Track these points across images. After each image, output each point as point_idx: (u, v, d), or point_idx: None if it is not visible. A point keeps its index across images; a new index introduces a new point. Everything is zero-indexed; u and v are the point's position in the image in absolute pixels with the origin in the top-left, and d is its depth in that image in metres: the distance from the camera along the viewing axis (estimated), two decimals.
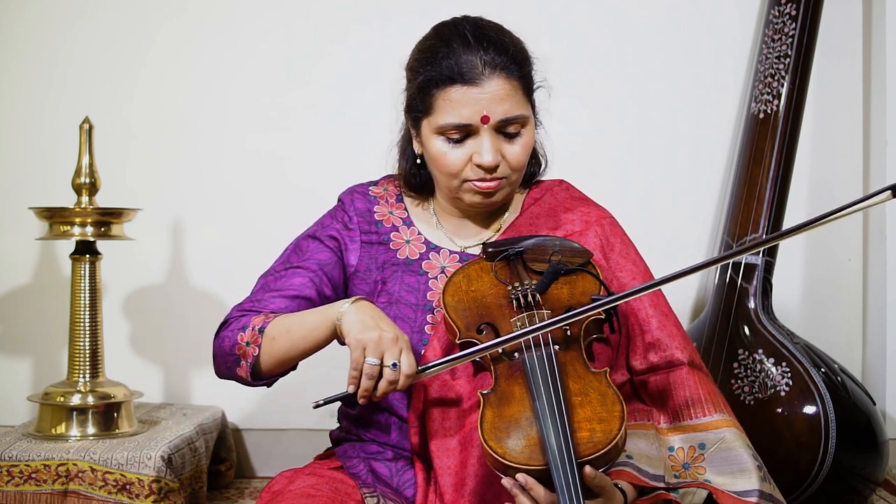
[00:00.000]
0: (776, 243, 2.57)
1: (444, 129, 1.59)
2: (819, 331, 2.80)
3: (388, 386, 1.46)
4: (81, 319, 2.39)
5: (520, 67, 1.61)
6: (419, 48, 1.66)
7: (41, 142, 2.85)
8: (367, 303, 1.54)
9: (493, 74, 1.57)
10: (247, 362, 1.61)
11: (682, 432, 1.57)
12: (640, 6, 2.82)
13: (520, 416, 1.39)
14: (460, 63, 1.57)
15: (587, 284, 1.55)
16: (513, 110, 1.59)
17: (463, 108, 1.57)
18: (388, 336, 1.46)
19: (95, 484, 2.20)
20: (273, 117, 2.84)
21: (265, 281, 1.72)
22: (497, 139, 1.60)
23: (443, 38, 1.62)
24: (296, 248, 1.75)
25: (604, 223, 1.72)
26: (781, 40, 2.67)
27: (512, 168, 1.62)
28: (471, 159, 1.60)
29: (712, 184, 2.84)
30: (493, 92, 1.57)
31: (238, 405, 2.81)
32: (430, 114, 1.61)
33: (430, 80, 1.60)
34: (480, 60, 1.57)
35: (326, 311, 1.55)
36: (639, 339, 1.64)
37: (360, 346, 1.46)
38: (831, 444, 2.33)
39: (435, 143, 1.61)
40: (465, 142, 1.60)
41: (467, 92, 1.57)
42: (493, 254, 1.60)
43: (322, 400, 1.50)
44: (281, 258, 1.76)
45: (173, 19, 2.84)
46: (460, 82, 1.57)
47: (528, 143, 1.63)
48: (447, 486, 1.52)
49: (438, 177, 1.66)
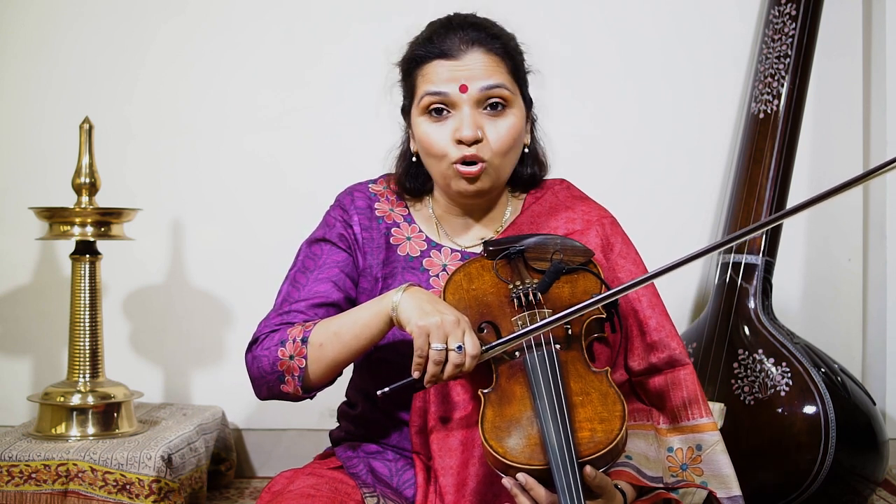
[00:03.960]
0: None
1: (427, 105, 1.61)
2: (819, 331, 2.80)
3: (454, 369, 1.42)
4: (81, 319, 2.39)
5: (501, 43, 1.63)
6: (409, 43, 1.69)
7: (41, 142, 2.85)
8: (418, 288, 1.51)
9: (472, 48, 1.60)
10: (293, 377, 1.55)
11: (681, 433, 1.58)
12: (640, 6, 2.82)
13: (521, 415, 1.39)
14: (440, 42, 1.61)
15: (588, 283, 1.55)
16: (492, 80, 1.59)
17: (441, 79, 1.59)
18: (449, 319, 1.43)
19: (95, 484, 2.20)
20: (272, 117, 2.84)
21: (288, 292, 1.67)
22: (479, 115, 1.60)
23: (428, 27, 1.67)
24: (308, 253, 1.71)
25: (605, 223, 1.71)
26: (781, 40, 2.67)
27: (494, 151, 1.61)
28: (453, 137, 1.60)
29: (712, 184, 2.84)
30: (472, 64, 1.59)
31: (238, 405, 2.81)
32: (414, 96, 1.64)
33: (411, 62, 1.64)
34: (459, 38, 1.60)
35: (378, 305, 1.51)
36: (637, 339, 1.64)
37: (424, 332, 1.42)
38: (831, 444, 2.33)
39: (420, 125, 1.62)
40: (446, 119, 1.60)
41: (445, 65, 1.60)
42: (495, 252, 1.60)
43: (388, 388, 1.46)
44: (295, 266, 1.71)
45: (173, 19, 2.84)
46: (439, 57, 1.60)
47: (513, 125, 1.62)
48: (448, 485, 1.52)
49: (429, 163, 1.66)
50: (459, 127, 1.58)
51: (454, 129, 1.59)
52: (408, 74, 1.66)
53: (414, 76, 1.64)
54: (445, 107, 1.60)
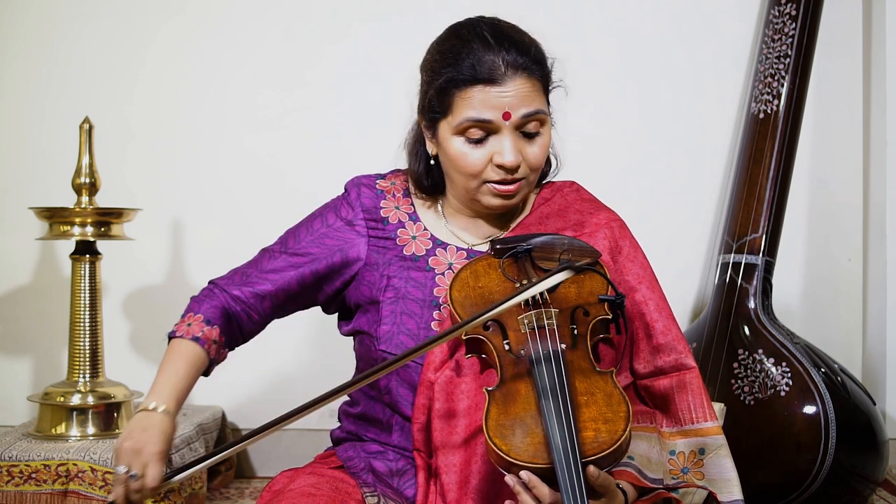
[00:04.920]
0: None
1: (465, 128, 1.58)
2: (819, 331, 2.80)
3: (134, 494, 1.48)
4: (81, 319, 2.39)
5: (541, 67, 1.61)
6: (437, 49, 1.64)
7: (41, 142, 2.85)
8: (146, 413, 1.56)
9: (516, 75, 1.57)
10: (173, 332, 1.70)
11: (685, 436, 1.57)
12: (640, 6, 2.83)
13: (525, 413, 1.39)
14: (482, 63, 1.56)
15: (595, 284, 1.55)
16: (533, 107, 1.59)
17: (485, 106, 1.57)
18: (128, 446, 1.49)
19: (95, 484, 2.20)
20: (272, 117, 2.84)
21: (261, 257, 1.75)
22: (517, 139, 1.60)
23: (462, 38, 1.61)
24: (296, 233, 1.75)
25: (613, 226, 1.71)
26: (781, 40, 2.67)
27: (531, 168, 1.62)
28: (491, 160, 1.59)
29: (712, 184, 2.84)
30: (515, 91, 1.57)
31: (238, 405, 2.81)
32: (448, 114, 1.60)
33: (451, 81, 1.58)
34: (502, 61, 1.57)
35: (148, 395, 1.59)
36: (644, 342, 1.64)
37: (115, 454, 1.51)
38: (831, 444, 2.33)
39: (454, 143, 1.61)
40: (485, 142, 1.59)
41: (489, 91, 1.56)
42: (502, 251, 1.60)
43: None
44: (282, 237, 1.77)
45: (173, 19, 2.84)
46: (482, 83, 1.56)
47: (546, 142, 1.63)
48: (451, 483, 1.52)
49: (456, 178, 1.65)
50: (501, 152, 1.58)
51: (494, 153, 1.59)
52: (443, 91, 1.60)
53: (451, 95, 1.59)
54: (485, 132, 1.60)
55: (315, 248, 1.71)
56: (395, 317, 1.65)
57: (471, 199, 1.65)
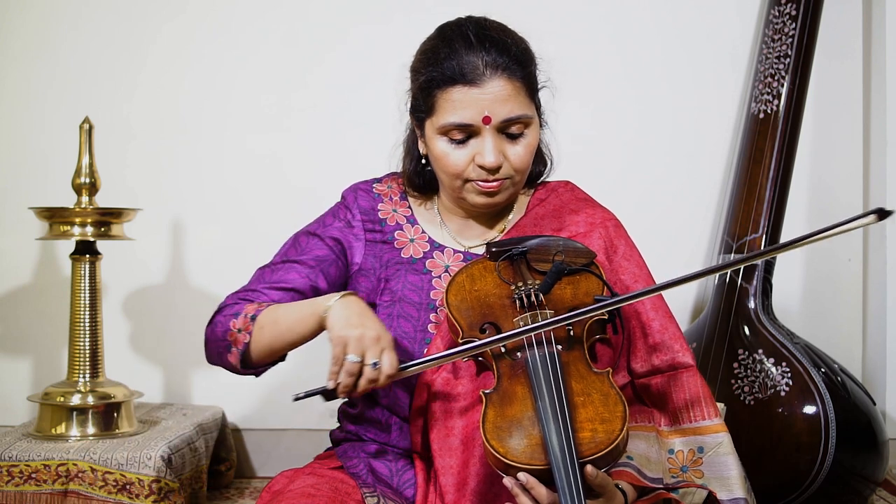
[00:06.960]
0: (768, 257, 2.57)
1: (447, 130, 1.59)
2: (819, 331, 2.80)
3: (367, 384, 1.46)
4: (81, 319, 2.39)
5: (522, 68, 1.60)
6: (422, 49, 1.65)
7: (41, 142, 2.85)
8: (354, 298, 1.53)
9: (495, 75, 1.57)
10: (237, 349, 1.61)
11: (682, 435, 1.58)
12: (640, 6, 2.82)
13: (522, 415, 1.39)
14: (462, 63, 1.57)
15: (590, 285, 1.55)
16: (515, 111, 1.58)
17: (464, 108, 1.57)
18: (370, 334, 1.45)
19: (95, 484, 2.20)
20: (273, 117, 2.84)
21: (262, 272, 1.73)
22: (500, 139, 1.60)
23: (445, 38, 1.61)
24: (294, 242, 1.75)
25: (608, 225, 1.71)
26: (781, 40, 2.67)
27: (515, 169, 1.62)
28: (473, 160, 1.60)
29: (712, 184, 2.84)
30: (495, 92, 1.56)
31: (238, 405, 2.81)
32: (432, 114, 1.61)
33: (432, 81, 1.59)
34: (482, 61, 1.56)
35: (314, 304, 1.54)
36: (640, 341, 1.64)
37: (342, 342, 1.46)
38: (831, 444, 2.33)
39: (438, 143, 1.61)
40: (467, 142, 1.60)
41: (469, 92, 1.56)
42: (497, 253, 1.60)
43: (302, 393, 1.50)
44: (280, 252, 1.76)
45: (173, 20, 2.84)
46: (462, 83, 1.56)
47: (531, 143, 1.63)
48: (449, 485, 1.52)
49: (442, 176, 1.66)
50: (482, 153, 1.58)
51: (475, 153, 1.59)
52: (426, 90, 1.61)
53: (434, 95, 1.60)
54: (466, 134, 1.60)
55: (319, 251, 1.72)
56: (392, 320, 1.65)
57: (457, 197, 1.66)
